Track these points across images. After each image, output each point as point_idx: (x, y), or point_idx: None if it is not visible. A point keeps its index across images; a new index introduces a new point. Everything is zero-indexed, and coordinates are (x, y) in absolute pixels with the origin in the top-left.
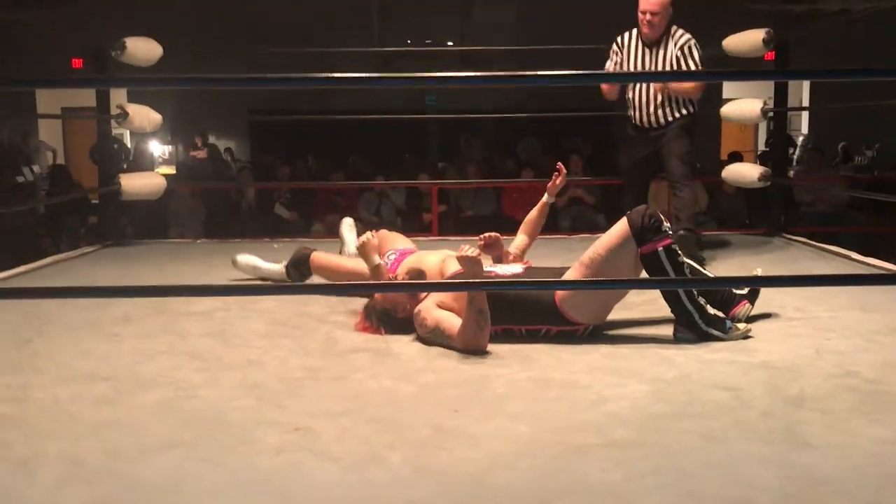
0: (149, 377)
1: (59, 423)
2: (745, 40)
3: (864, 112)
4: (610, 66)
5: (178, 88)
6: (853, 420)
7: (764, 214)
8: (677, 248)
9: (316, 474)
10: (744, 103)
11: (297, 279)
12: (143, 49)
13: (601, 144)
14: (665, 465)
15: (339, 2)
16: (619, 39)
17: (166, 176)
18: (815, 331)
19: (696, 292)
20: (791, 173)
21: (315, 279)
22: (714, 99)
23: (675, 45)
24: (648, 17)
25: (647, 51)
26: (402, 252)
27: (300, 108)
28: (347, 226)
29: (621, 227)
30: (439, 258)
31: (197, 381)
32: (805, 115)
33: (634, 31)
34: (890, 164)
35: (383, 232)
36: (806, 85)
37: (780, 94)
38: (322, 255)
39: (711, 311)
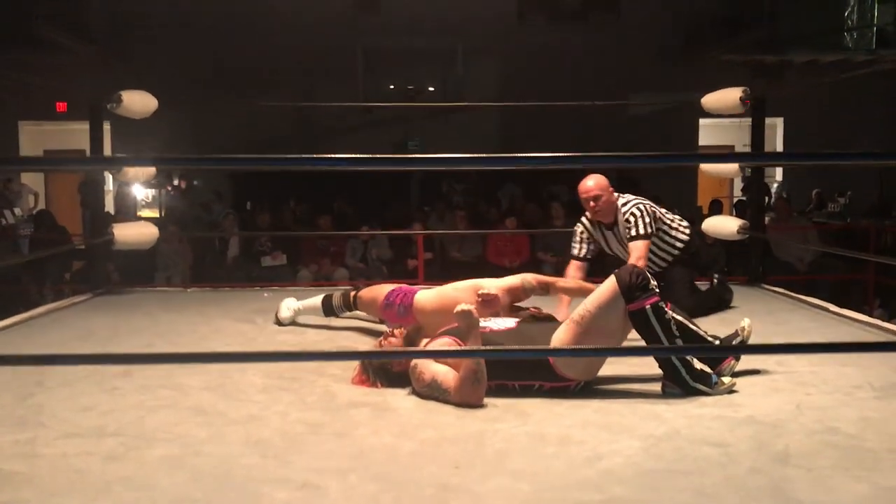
0: (154, 432)
1: (70, 481)
2: (723, 98)
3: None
4: (576, 248)
5: (163, 135)
6: (836, 477)
7: (743, 263)
8: (663, 306)
9: None
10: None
11: (340, 312)
12: (138, 102)
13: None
14: None
15: (326, 52)
16: (581, 225)
17: (150, 219)
18: (796, 385)
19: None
20: (766, 220)
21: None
22: (691, 148)
23: (623, 220)
24: (592, 203)
25: (608, 233)
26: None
27: (282, 153)
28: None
29: (610, 284)
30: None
31: (202, 437)
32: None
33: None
34: (861, 212)
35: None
36: (780, 132)
37: (757, 149)
38: (367, 290)
39: (698, 366)
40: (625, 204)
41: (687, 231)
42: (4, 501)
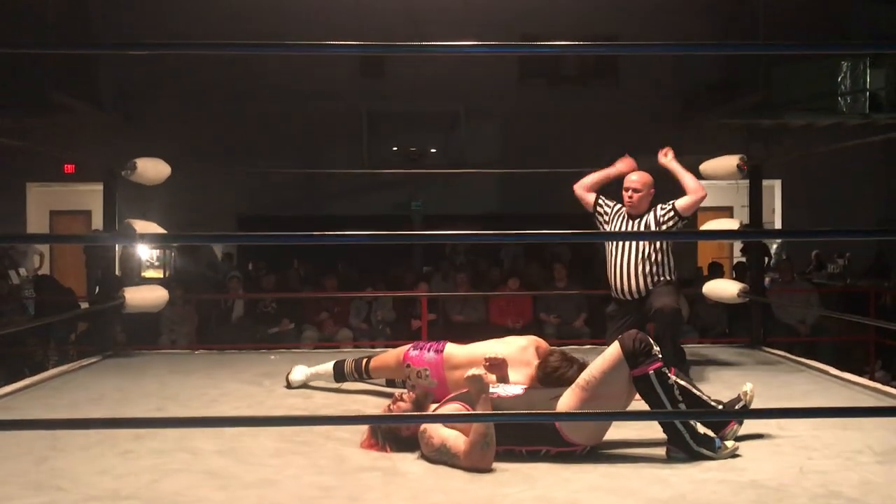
0: (169, 496)
1: None
2: (721, 165)
3: (837, 220)
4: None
5: (167, 194)
6: None
7: (744, 325)
8: (666, 371)
9: None
10: (721, 224)
11: (351, 379)
12: (152, 169)
13: (583, 248)
14: None
15: (331, 116)
16: (606, 201)
17: (155, 279)
18: (797, 449)
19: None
20: (767, 281)
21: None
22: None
23: (655, 216)
24: (631, 193)
25: (630, 222)
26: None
27: (287, 213)
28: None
29: (614, 350)
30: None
31: (217, 500)
32: (779, 219)
33: (620, 205)
34: (860, 273)
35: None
36: (778, 191)
37: (755, 215)
38: (377, 359)
39: (701, 430)
40: (662, 208)
41: None
42: None
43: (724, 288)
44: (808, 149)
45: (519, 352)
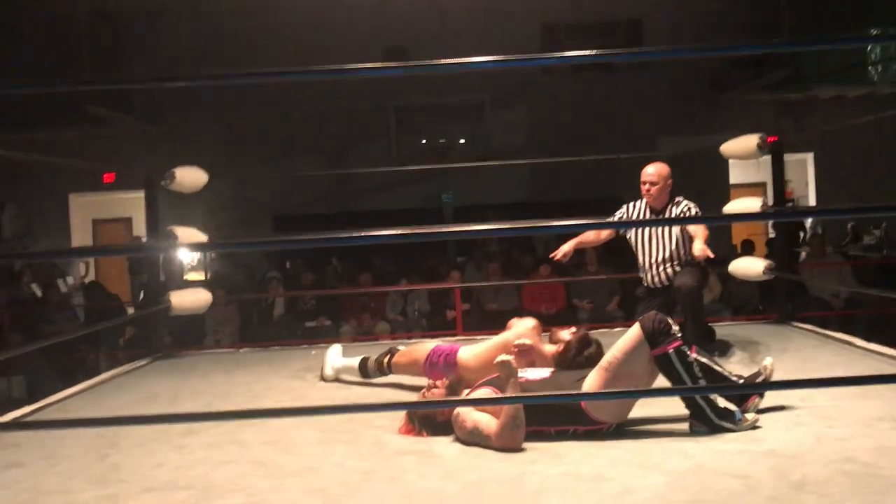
0: (221, 485)
1: None
2: (741, 146)
3: (871, 192)
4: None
5: (205, 197)
6: (847, 501)
7: (777, 301)
8: (686, 350)
9: None
10: (744, 202)
11: (375, 376)
12: (189, 178)
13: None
14: None
15: (359, 112)
16: (627, 206)
17: (197, 282)
18: (818, 419)
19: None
20: (803, 256)
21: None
22: (721, 186)
23: (679, 210)
24: (648, 186)
25: (653, 216)
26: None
27: (321, 210)
28: (335, 350)
29: (635, 331)
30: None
31: (265, 488)
32: (812, 193)
33: (640, 201)
34: None
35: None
36: (811, 165)
37: (779, 193)
38: (402, 353)
39: (722, 404)
40: (681, 201)
41: None
42: None
43: (749, 265)
44: (838, 122)
45: (531, 333)
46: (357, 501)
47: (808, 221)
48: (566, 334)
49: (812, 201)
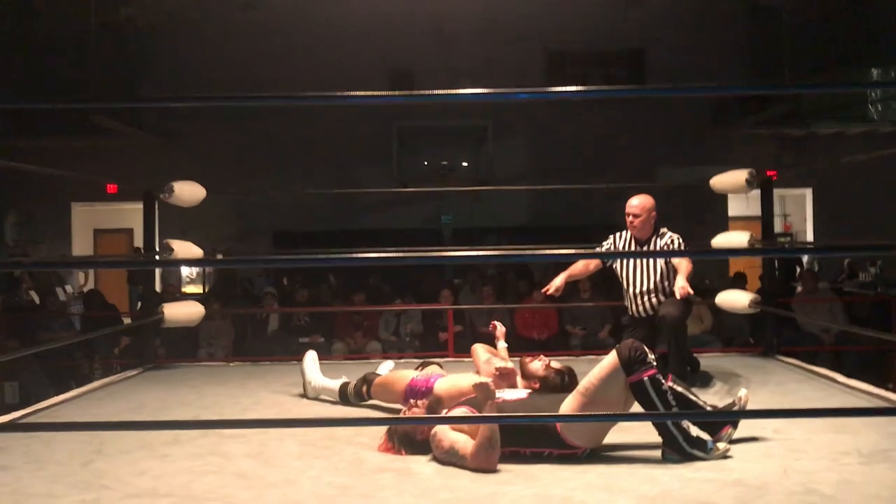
0: (202, 494)
1: None
2: (730, 180)
3: (869, 229)
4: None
5: (206, 210)
6: None
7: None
8: (661, 378)
9: None
10: (732, 237)
11: (355, 402)
12: (188, 192)
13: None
14: None
15: (363, 132)
16: (614, 236)
17: (194, 295)
18: (788, 451)
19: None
20: (799, 290)
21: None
22: (720, 218)
23: (663, 242)
24: (632, 218)
25: (637, 248)
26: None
27: (321, 228)
28: (311, 360)
29: (611, 359)
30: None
31: (244, 498)
32: (810, 228)
33: (626, 232)
34: (893, 282)
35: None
36: (809, 199)
37: (768, 228)
38: (379, 383)
39: (694, 432)
40: (665, 233)
41: None
42: None
43: (735, 298)
44: (837, 159)
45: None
46: None
47: (805, 256)
48: (538, 366)
49: (810, 236)
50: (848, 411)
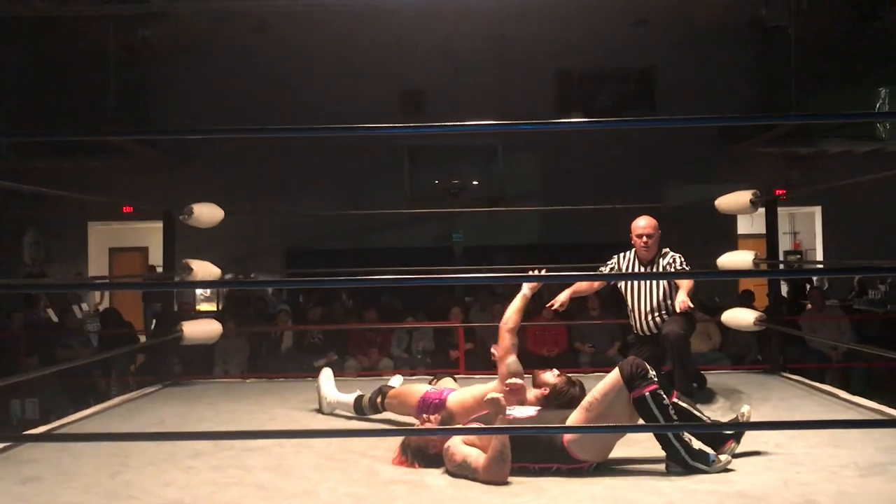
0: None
1: None
2: (735, 200)
3: (878, 247)
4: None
5: (221, 229)
6: None
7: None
8: (662, 393)
9: None
10: (737, 256)
11: (370, 413)
12: (207, 214)
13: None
14: None
15: (374, 152)
16: (618, 256)
17: (208, 313)
18: (788, 465)
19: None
20: (808, 307)
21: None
22: (729, 236)
23: (665, 262)
24: (645, 239)
25: (642, 269)
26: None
27: (333, 246)
28: (326, 377)
29: (614, 376)
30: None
31: None
32: (820, 246)
33: (629, 252)
34: None
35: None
36: (818, 218)
37: (772, 247)
38: (393, 394)
39: (697, 446)
40: (668, 252)
41: None
42: None
43: (741, 316)
44: (846, 178)
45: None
46: None
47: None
48: (550, 376)
49: (819, 254)
50: (843, 423)
